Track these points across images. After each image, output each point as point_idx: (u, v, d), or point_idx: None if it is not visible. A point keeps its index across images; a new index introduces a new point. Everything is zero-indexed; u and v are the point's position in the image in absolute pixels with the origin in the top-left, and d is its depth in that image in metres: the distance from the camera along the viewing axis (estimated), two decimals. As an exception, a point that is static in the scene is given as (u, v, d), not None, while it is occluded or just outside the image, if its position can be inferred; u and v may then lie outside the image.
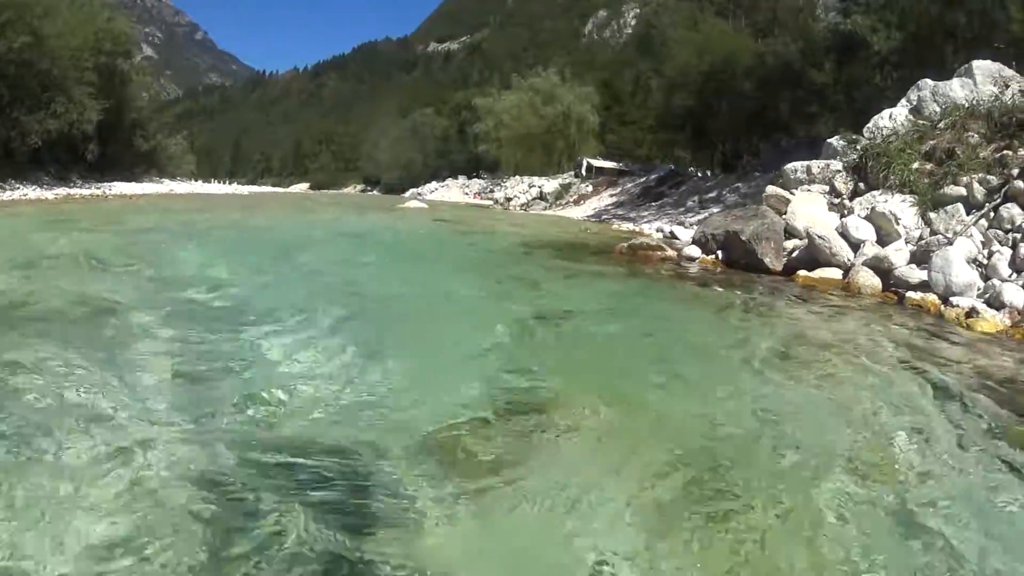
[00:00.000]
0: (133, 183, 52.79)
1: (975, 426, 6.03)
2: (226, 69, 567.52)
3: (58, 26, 43.08)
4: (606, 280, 15.03)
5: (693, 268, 17.10)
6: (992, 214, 13.70)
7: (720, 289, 13.95)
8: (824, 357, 8.47)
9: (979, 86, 18.12)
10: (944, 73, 19.63)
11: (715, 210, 28.71)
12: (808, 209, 16.75)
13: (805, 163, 19.41)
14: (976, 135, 16.19)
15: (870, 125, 19.35)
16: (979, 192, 14.27)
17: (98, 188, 45.22)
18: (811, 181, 18.75)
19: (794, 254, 15.79)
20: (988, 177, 14.47)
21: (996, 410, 6.43)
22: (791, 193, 17.92)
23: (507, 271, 16.21)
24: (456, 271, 16.61)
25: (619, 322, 10.34)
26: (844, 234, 14.77)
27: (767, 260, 15.73)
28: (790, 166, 19.63)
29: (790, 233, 16.35)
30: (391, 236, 25.43)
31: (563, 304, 11.54)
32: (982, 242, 13.23)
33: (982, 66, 18.76)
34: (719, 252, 17.38)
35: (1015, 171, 14.08)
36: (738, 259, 16.46)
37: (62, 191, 40.64)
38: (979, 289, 11.65)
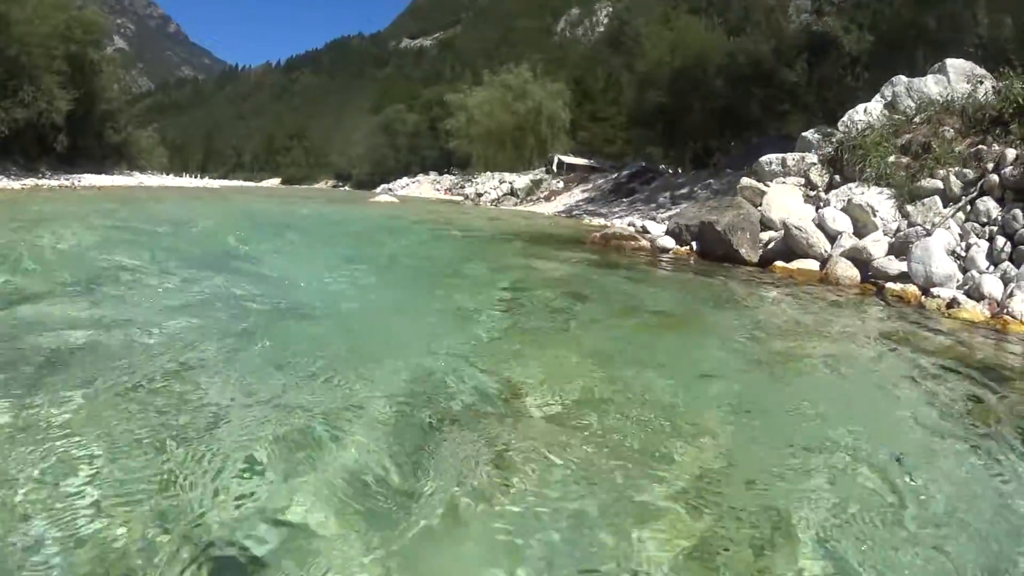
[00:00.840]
0: (103, 175, 52.02)
1: (963, 405, 6.00)
2: (199, 63, 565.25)
3: (26, 12, 42.38)
4: (579, 265, 14.97)
5: (667, 258, 16.99)
6: (969, 207, 13.72)
7: (696, 276, 13.94)
8: (808, 340, 8.44)
9: (953, 83, 18.29)
10: (915, 74, 19.74)
11: (686, 206, 28.64)
12: (784, 201, 16.73)
13: (780, 155, 19.37)
14: (951, 130, 16.27)
15: (845, 119, 19.40)
16: (955, 185, 14.32)
17: (67, 180, 44.54)
18: (786, 173, 18.72)
19: (770, 245, 15.72)
20: (964, 171, 14.54)
21: (984, 388, 6.53)
22: (766, 185, 17.88)
23: (477, 257, 16.22)
24: (430, 256, 16.71)
25: (589, 302, 10.25)
26: (821, 225, 14.73)
27: (743, 251, 15.64)
28: (765, 158, 19.58)
29: (766, 225, 16.30)
30: (363, 225, 25.36)
31: (533, 285, 11.51)
32: (960, 234, 13.24)
33: (955, 64, 19.00)
34: (693, 243, 17.33)
35: (990, 165, 14.16)
36: (713, 250, 16.36)
37: (30, 182, 39.99)
38: (958, 281, 11.61)
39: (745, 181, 18.33)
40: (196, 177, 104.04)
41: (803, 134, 20.97)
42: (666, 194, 38.63)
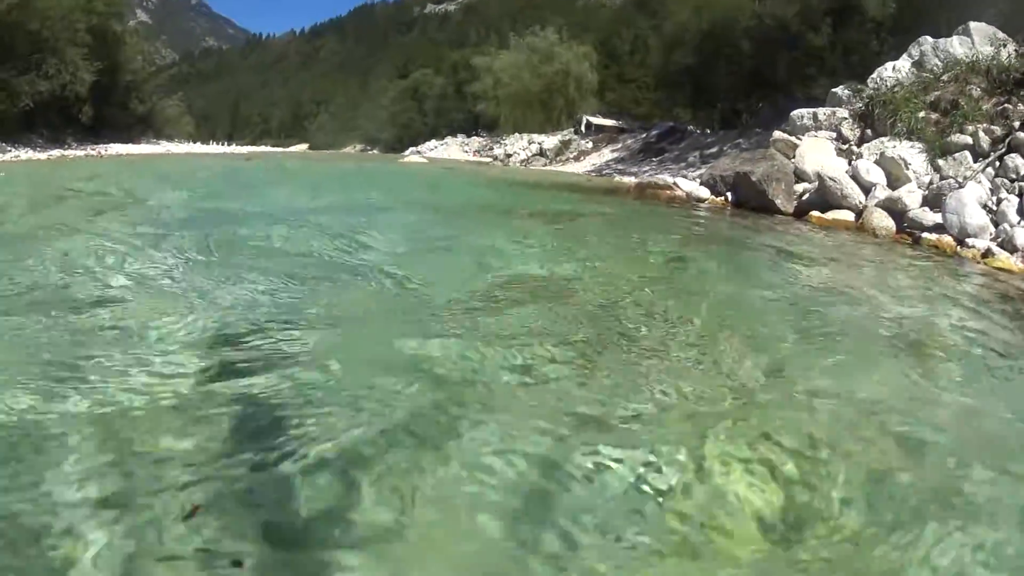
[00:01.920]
0: (130, 144, 52.41)
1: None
2: (222, 33, 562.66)
3: (48, -15, 42.52)
4: (619, 207, 15.58)
5: (703, 207, 17.38)
6: (998, 163, 13.88)
7: (734, 220, 14.37)
8: (858, 276, 8.79)
9: (977, 45, 18.53)
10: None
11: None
12: (816, 154, 16.95)
13: (811, 110, 19.53)
14: (978, 89, 16.47)
15: (874, 76, 19.63)
16: (984, 141, 14.57)
17: (93, 149, 44.82)
18: (817, 128, 18.88)
19: (804, 196, 15.96)
20: (992, 127, 14.76)
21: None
22: (798, 139, 18.01)
23: (522, 204, 16.79)
24: (484, 199, 18.16)
25: (638, 236, 10.70)
26: (855, 177, 14.93)
27: (778, 201, 15.85)
28: (796, 112, 19.77)
29: (799, 176, 16.51)
30: (405, 179, 27.30)
31: (582, 220, 12.14)
32: (990, 189, 13.40)
33: (979, 27, 19.33)
34: (728, 193, 17.60)
35: (1016, 123, 14.52)
36: (748, 200, 16.64)
37: (56, 152, 40.23)
38: (991, 233, 11.78)
39: (778, 134, 18.52)
40: (223, 144, 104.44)
41: (833, 90, 21.07)
42: (695, 153, 38.58)
